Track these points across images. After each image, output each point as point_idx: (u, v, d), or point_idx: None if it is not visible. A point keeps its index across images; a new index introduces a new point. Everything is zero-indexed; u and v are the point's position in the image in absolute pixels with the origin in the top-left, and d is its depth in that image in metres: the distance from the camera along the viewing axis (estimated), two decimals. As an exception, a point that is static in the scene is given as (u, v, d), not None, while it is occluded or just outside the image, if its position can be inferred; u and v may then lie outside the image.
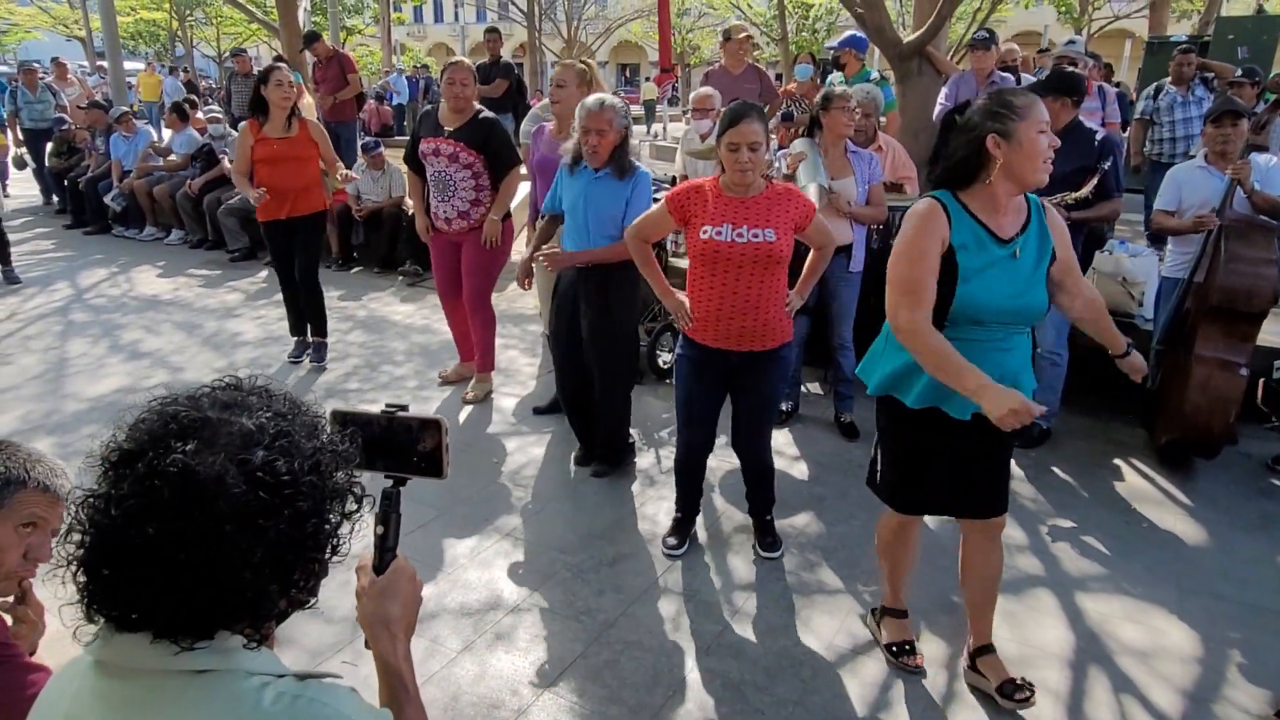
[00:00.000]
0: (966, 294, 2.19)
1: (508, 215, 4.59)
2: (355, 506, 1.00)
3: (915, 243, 2.21)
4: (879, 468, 2.60)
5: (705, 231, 2.93)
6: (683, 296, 3.10)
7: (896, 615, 2.75)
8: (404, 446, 1.17)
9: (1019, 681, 2.52)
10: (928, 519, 3.57)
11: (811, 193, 3.70)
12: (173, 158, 8.96)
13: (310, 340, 5.29)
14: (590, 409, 3.91)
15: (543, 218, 3.93)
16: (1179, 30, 17.91)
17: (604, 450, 3.94)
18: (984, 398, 2.04)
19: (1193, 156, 4.53)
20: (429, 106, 4.65)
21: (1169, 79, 6.92)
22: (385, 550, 1.15)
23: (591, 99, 3.51)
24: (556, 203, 3.74)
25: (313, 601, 1.01)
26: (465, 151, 4.35)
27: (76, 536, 0.90)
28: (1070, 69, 4.45)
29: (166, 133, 9.30)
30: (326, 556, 0.98)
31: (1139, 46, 8.76)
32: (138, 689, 0.89)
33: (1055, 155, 2.22)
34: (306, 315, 5.24)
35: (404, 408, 1.18)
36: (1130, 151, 6.95)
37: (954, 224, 2.21)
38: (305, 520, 0.92)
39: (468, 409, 4.64)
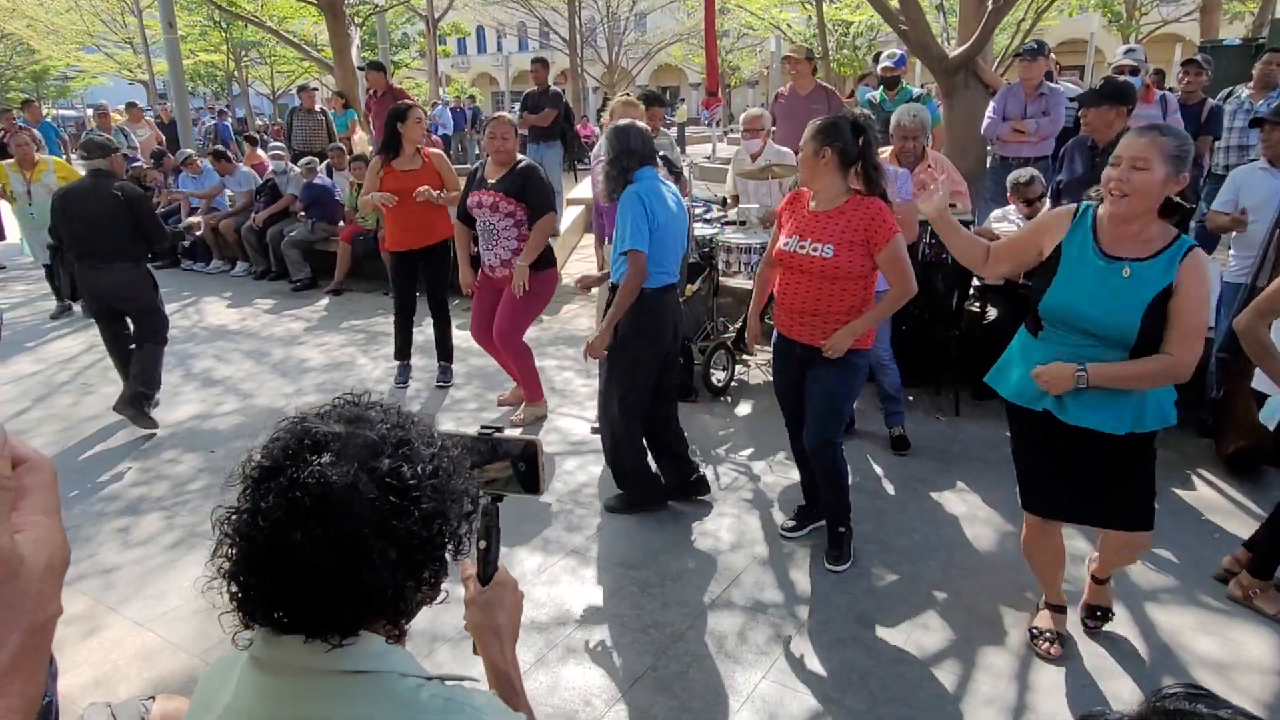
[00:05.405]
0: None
1: (550, 265, 4.64)
2: (472, 508, 1.08)
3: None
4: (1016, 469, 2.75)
5: (781, 241, 3.17)
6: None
7: (1051, 608, 2.88)
8: (503, 465, 1.27)
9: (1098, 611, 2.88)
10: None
11: None
12: (228, 193, 9.40)
13: (439, 364, 5.50)
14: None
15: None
16: (1231, 33, 17.54)
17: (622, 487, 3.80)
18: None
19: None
20: (477, 164, 4.80)
21: (1249, 84, 6.11)
22: (488, 563, 1.24)
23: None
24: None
25: (442, 596, 1.09)
26: (505, 201, 4.44)
27: (226, 549, 0.97)
28: (1123, 78, 4.45)
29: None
30: (451, 555, 1.06)
31: (1190, 51, 8.63)
32: (300, 686, 0.97)
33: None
34: (436, 341, 5.45)
35: (499, 429, 1.28)
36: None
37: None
38: (431, 520, 1.00)
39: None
